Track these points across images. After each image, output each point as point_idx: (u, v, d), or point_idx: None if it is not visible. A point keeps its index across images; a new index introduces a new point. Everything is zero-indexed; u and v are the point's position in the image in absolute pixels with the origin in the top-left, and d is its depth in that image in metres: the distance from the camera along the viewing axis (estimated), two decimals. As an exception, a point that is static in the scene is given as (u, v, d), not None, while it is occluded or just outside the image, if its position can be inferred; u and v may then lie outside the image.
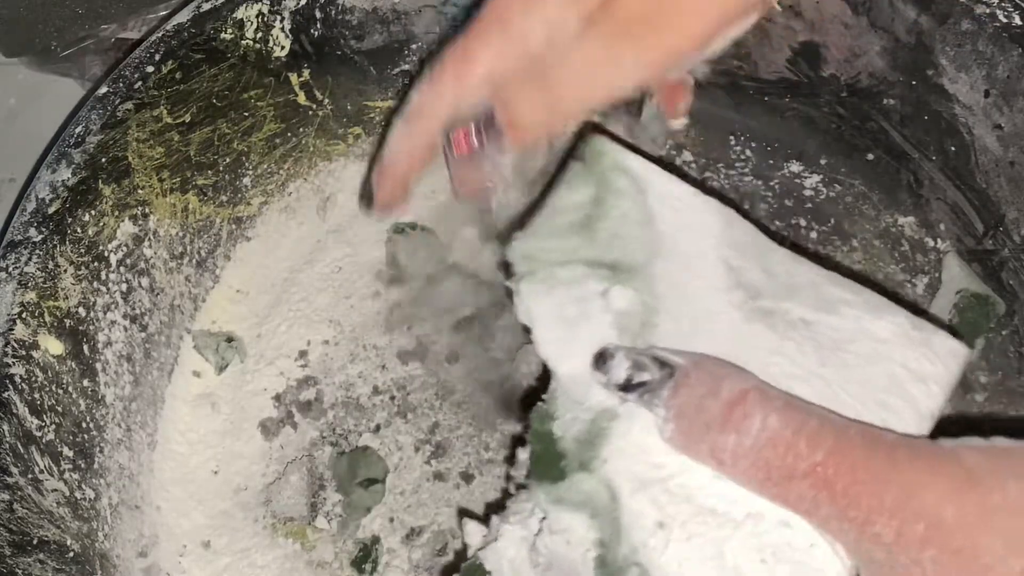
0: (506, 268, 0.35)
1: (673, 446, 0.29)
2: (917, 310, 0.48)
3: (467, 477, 0.46)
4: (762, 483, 0.27)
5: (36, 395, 0.39)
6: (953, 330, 0.34)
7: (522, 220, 0.37)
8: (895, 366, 0.31)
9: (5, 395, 0.38)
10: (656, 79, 0.36)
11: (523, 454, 0.34)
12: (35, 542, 0.37)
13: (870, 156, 0.50)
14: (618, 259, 0.33)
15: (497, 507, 0.36)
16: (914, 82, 0.46)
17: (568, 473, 0.31)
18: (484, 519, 0.37)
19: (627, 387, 0.30)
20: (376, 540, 0.45)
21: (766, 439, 0.27)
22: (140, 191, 0.45)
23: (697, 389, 0.28)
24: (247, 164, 0.50)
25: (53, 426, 0.40)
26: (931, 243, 0.49)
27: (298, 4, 0.47)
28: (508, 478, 0.36)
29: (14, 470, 0.37)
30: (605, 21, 0.34)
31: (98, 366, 0.43)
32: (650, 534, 0.29)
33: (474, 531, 0.36)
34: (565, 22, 0.34)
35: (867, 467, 0.27)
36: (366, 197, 0.40)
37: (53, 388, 0.40)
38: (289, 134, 0.51)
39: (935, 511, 0.26)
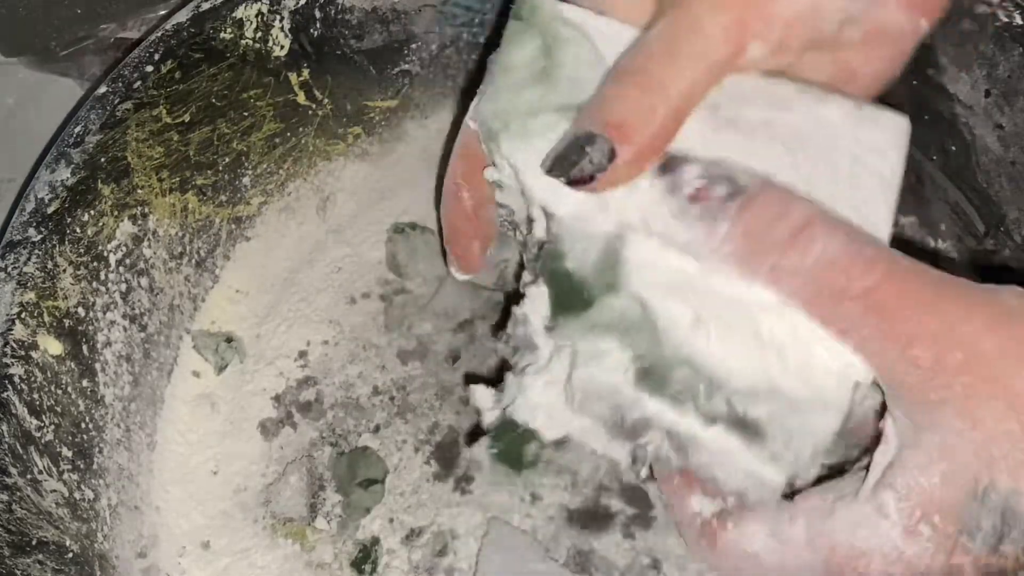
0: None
1: (724, 261, 0.30)
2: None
3: (467, 478, 0.46)
4: (810, 301, 0.29)
5: (35, 395, 0.39)
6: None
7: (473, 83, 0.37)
8: (852, 144, 0.32)
9: (4, 395, 0.38)
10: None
11: (518, 309, 0.35)
12: (34, 543, 0.37)
13: (871, 156, 0.50)
14: (584, 100, 0.33)
15: (497, 380, 0.36)
16: (915, 82, 0.46)
17: (595, 298, 0.31)
18: (493, 383, 0.37)
19: (694, 197, 0.30)
20: (376, 540, 0.44)
21: (826, 260, 0.28)
22: (139, 191, 0.45)
23: (767, 209, 0.29)
24: (246, 164, 0.50)
25: (52, 426, 0.40)
26: (932, 243, 0.49)
27: (297, 4, 0.47)
28: (504, 340, 0.36)
29: (13, 471, 0.37)
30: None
31: (97, 366, 0.43)
32: (690, 330, 0.30)
33: (484, 395, 0.36)
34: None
35: (916, 294, 0.28)
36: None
37: (52, 388, 0.40)
38: (289, 134, 0.51)
39: (974, 341, 0.27)
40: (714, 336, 0.30)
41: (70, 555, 0.39)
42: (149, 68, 0.44)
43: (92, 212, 0.42)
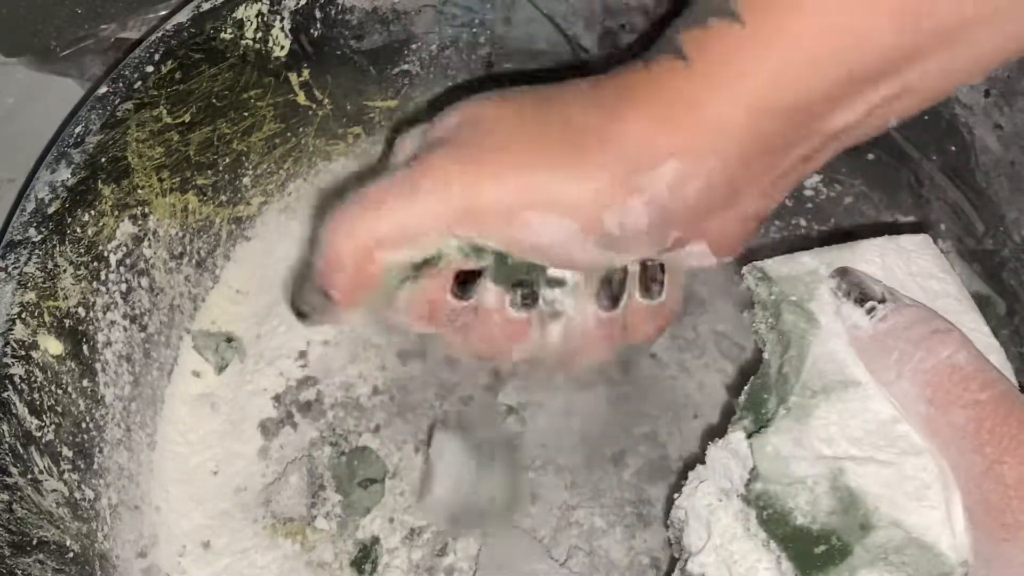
0: None
1: (858, 346, 0.32)
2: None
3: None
4: (923, 399, 0.30)
5: (35, 395, 0.39)
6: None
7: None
8: (912, 280, 0.34)
9: (4, 395, 0.38)
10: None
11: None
12: (35, 542, 0.37)
13: (870, 156, 0.50)
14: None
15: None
16: (914, 82, 0.46)
17: (852, 543, 0.31)
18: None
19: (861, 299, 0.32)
20: (376, 540, 0.45)
21: (949, 365, 0.30)
22: (140, 191, 0.45)
23: (914, 314, 0.31)
24: (247, 164, 0.50)
25: (53, 426, 0.40)
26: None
27: (298, 4, 0.47)
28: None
29: (13, 470, 0.37)
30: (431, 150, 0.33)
31: (98, 366, 0.43)
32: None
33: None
34: None
35: (1011, 408, 0.29)
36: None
37: (52, 388, 0.40)
38: (289, 134, 0.51)
39: None
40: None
41: (70, 555, 0.39)
42: (149, 68, 0.44)
43: (92, 212, 0.42)
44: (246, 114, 0.48)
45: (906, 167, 0.49)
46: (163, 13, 0.55)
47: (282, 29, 0.47)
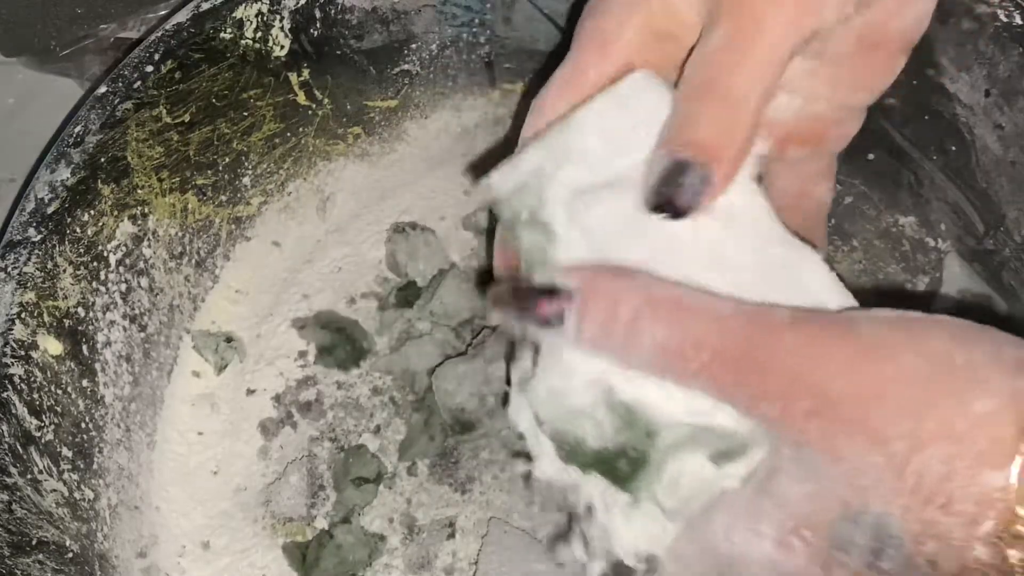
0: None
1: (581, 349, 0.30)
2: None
3: (468, 478, 0.46)
4: (666, 378, 0.29)
5: (35, 395, 0.39)
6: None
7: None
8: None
9: (4, 395, 0.38)
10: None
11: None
12: (34, 543, 0.37)
13: (871, 156, 0.50)
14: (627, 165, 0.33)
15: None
16: (915, 82, 0.46)
17: (649, 453, 0.31)
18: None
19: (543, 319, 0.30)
20: (376, 539, 0.44)
21: (657, 350, 0.28)
22: (139, 191, 0.45)
23: (597, 316, 0.29)
24: (246, 164, 0.50)
25: (52, 426, 0.40)
26: (932, 243, 0.49)
27: (298, 3, 0.47)
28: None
29: (13, 470, 0.37)
30: None
31: (97, 366, 0.43)
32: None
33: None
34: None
35: (750, 359, 0.27)
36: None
37: (52, 388, 0.40)
38: (289, 134, 0.51)
39: (822, 387, 0.26)
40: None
41: (70, 555, 0.39)
42: (149, 68, 0.44)
43: (92, 212, 0.42)
44: (246, 114, 0.48)
45: (906, 167, 0.49)
46: (163, 13, 0.55)
47: (282, 29, 0.47)
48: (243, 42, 0.46)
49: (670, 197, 0.30)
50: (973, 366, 0.26)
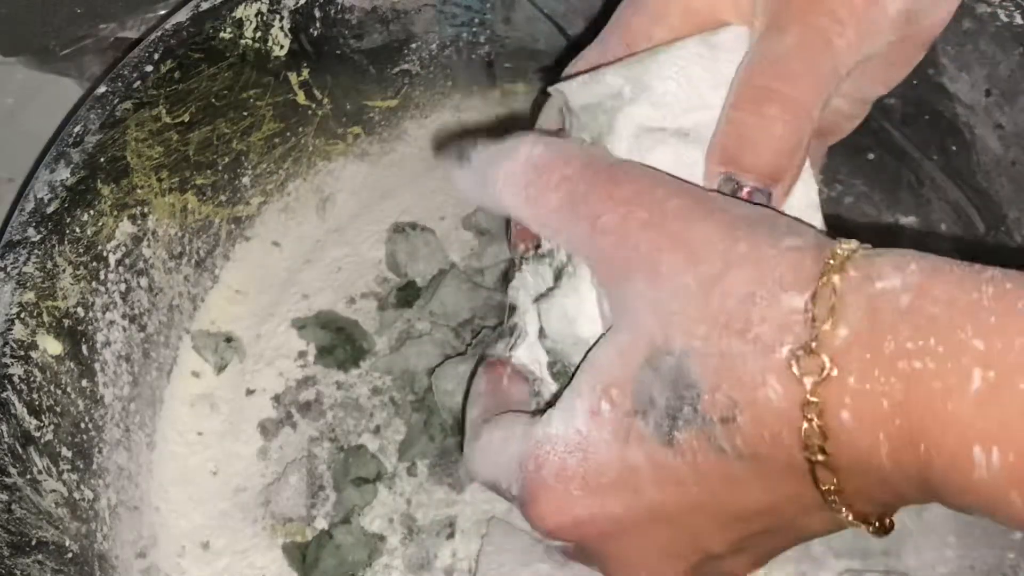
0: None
1: (466, 187, 0.34)
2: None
3: (468, 478, 0.46)
4: (526, 200, 0.31)
5: (34, 395, 0.39)
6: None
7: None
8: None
9: (3, 395, 0.38)
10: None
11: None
12: (34, 543, 0.37)
13: (871, 156, 0.50)
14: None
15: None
16: (915, 81, 0.46)
17: None
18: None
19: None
20: (376, 539, 0.44)
21: (527, 163, 0.31)
22: (139, 191, 0.45)
23: (493, 146, 0.33)
24: (246, 164, 0.50)
25: (52, 426, 0.39)
26: (932, 243, 0.49)
27: (297, 3, 0.47)
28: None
29: (12, 471, 0.37)
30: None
31: (97, 366, 0.43)
32: None
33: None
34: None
35: (608, 177, 0.30)
36: None
37: (51, 388, 0.40)
38: (288, 133, 0.50)
39: (661, 202, 0.29)
40: None
41: (69, 555, 0.39)
42: (148, 68, 0.44)
43: (91, 212, 0.42)
44: (245, 114, 0.48)
45: (907, 167, 0.49)
46: (162, 12, 0.55)
47: (281, 28, 0.47)
48: (243, 42, 0.46)
49: None
50: (792, 223, 0.28)
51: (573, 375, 0.31)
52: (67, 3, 0.54)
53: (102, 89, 0.43)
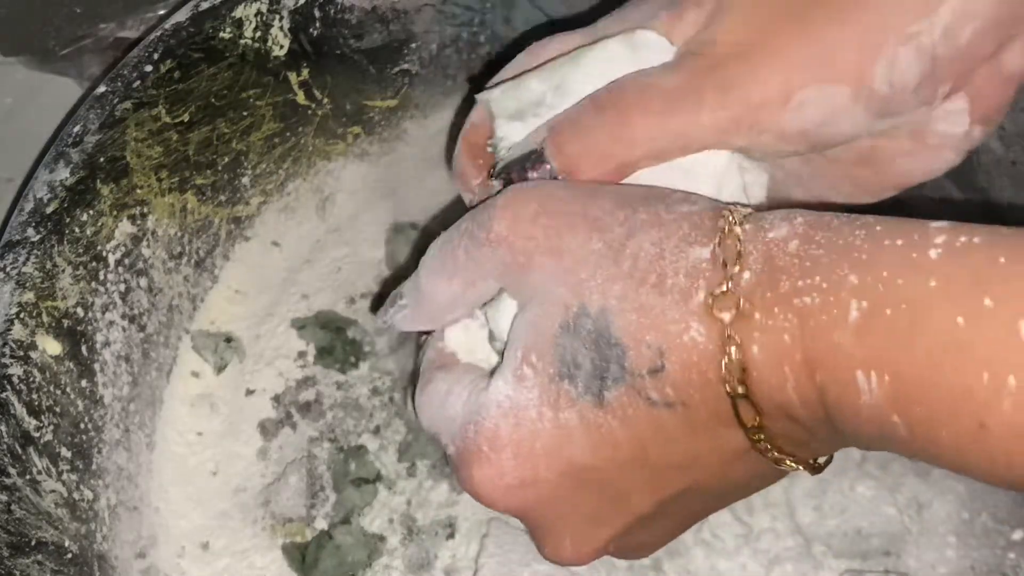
0: None
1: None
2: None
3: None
4: (446, 282, 0.33)
5: (34, 395, 0.39)
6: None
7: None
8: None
9: (3, 396, 0.38)
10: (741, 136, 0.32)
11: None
12: (33, 543, 0.37)
13: (871, 156, 0.50)
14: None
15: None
16: (915, 81, 0.46)
17: None
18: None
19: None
20: (376, 540, 0.44)
21: (439, 249, 0.34)
22: (138, 191, 0.44)
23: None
24: (246, 164, 0.49)
25: (51, 427, 0.39)
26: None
27: (297, 3, 0.47)
28: None
29: (12, 471, 0.37)
30: (699, 51, 0.32)
31: (96, 366, 0.43)
32: None
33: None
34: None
35: (481, 210, 0.31)
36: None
37: (51, 388, 0.40)
38: (288, 133, 0.50)
39: (548, 193, 0.31)
40: None
41: (69, 555, 0.39)
42: (148, 68, 0.43)
43: (91, 212, 0.42)
44: (245, 113, 0.48)
45: (907, 167, 0.49)
46: (162, 12, 0.55)
47: (281, 28, 0.47)
48: (242, 42, 0.46)
49: (512, 176, 0.33)
50: (684, 194, 0.30)
51: None
52: (66, 3, 0.54)
53: (101, 89, 0.43)
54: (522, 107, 0.34)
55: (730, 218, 0.28)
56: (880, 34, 0.29)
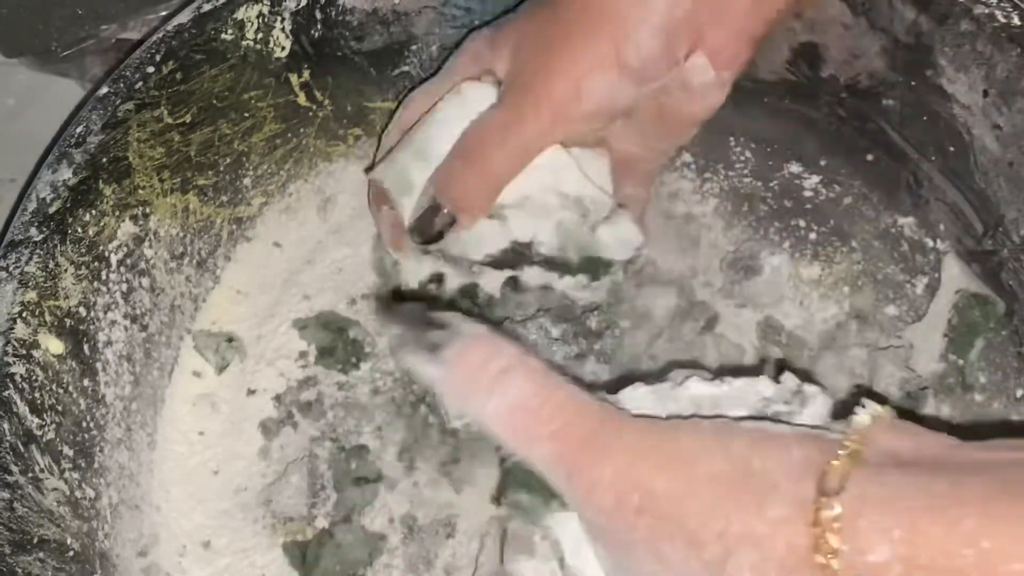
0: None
1: (447, 394, 0.32)
2: (917, 312, 0.49)
3: (468, 478, 0.46)
4: (513, 441, 0.31)
5: (36, 394, 0.39)
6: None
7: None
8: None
9: (5, 394, 0.38)
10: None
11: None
12: (35, 541, 0.37)
13: (869, 157, 0.50)
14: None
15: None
16: (913, 82, 0.46)
17: None
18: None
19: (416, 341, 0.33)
20: (376, 539, 0.45)
21: (518, 405, 0.31)
22: (141, 191, 0.45)
23: (477, 354, 0.32)
24: (247, 164, 0.50)
25: (53, 425, 0.40)
26: (930, 243, 0.49)
27: (298, 5, 0.47)
28: None
29: (14, 469, 0.37)
30: (509, 86, 0.42)
31: (98, 366, 0.43)
32: None
33: None
34: None
35: (595, 440, 0.30)
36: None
37: (53, 387, 0.40)
38: (289, 135, 0.51)
39: (648, 483, 0.28)
40: None
41: (71, 553, 0.39)
42: (150, 69, 0.44)
43: (93, 212, 0.42)
44: (247, 115, 0.48)
45: (905, 168, 0.49)
46: (164, 14, 0.55)
47: (283, 30, 0.47)
48: (244, 43, 0.46)
49: (422, 230, 0.44)
50: (766, 471, 0.28)
51: None
52: (69, 4, 0.55)
53: (104, 90, 0.43)
54: (397, 181, 0.45)
55: (821, 535, 0.26)
56: (622, 28, 0.39)
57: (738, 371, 0.46)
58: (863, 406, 0.29)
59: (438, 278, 0.47)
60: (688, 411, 0.32)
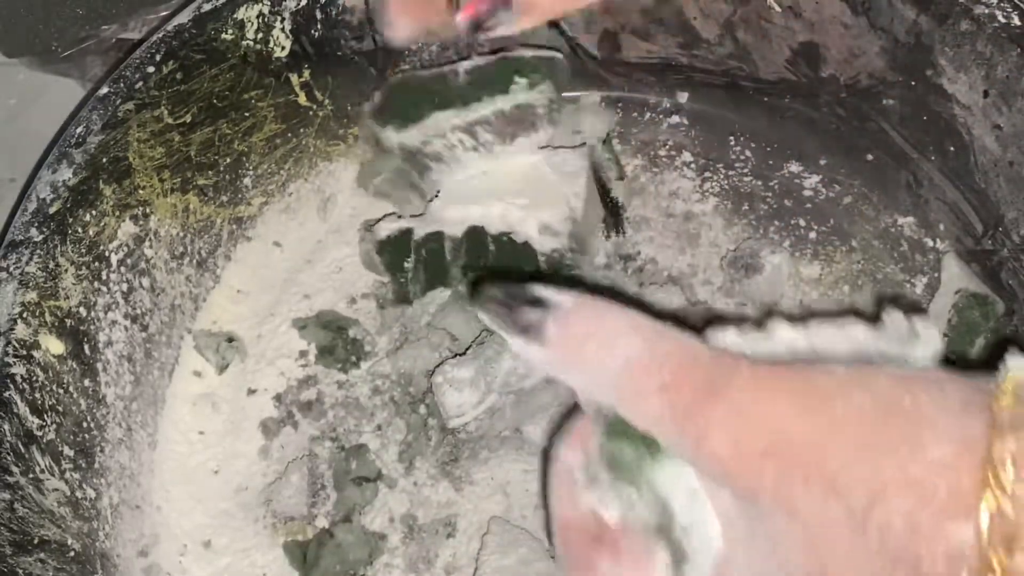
0: None
1: (557, 375, 0.30)
2: (917, 310, 0.49)
3: (468, 478, 0.46)
4: (620, 401, 0.28)
5: (37, 395, 0.39)
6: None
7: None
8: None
9: (6, 394, 0.38)
10: None
11: None
12: (36, 541, 0.37)
13: (869, 156, 0.50)
14: None
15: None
16: (913, 82, 0.46)
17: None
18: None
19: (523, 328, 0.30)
20: (376, 539, 0.45)
21: (628, 365, 0.28)
22: (141, 191, 0.45)
23: (578, 327, 0.29)
24: (248, 164, 0.50)
25: (54, 425, 0.40)
26: (930, 243, 0.49)
27: (298, 5, 0.47)
28: None
29: (15, 469, 0.37)
30: None
31: (99, 366, 0.43)
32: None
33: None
34: None
35: (709, 385, 0.27)
36: None
37: (54, 388, 0.40)
38: (289, 134, 0.51)
39: (776, 423, 0.26)
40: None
41: (72, 553, 0.39)
42: (151, 69, 0.44)
43: (94, 212, 0.42)
44: (247, 114, 0.48)
45: (905, 167, 0.49)
46: (164, 14, 0.55)
47: (283, 30, 0.47)
48: (244, 43, 0.46)
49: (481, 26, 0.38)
50: (919, 407, 0.25)
51: None
52: (69, 4, 0.55)
53: (104, 90, 0.43)
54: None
55: (992, 480, 0.23)
56: None
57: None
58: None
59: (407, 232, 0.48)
60: (787, 358, 0.29)
